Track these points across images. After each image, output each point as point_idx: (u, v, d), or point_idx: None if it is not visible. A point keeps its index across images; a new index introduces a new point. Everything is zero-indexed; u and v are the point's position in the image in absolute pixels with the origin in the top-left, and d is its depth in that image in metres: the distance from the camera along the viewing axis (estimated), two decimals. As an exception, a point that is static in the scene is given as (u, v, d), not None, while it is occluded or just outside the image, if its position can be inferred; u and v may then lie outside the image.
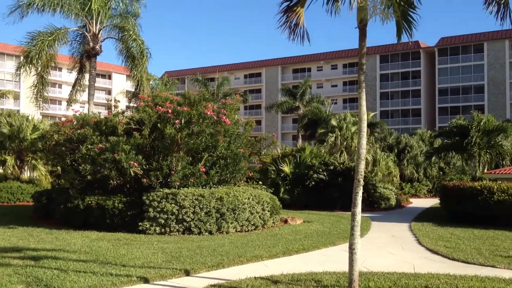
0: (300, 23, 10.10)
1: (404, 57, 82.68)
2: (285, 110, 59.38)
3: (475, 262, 13.23)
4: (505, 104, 73.82)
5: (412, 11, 9.77)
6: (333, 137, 34.64)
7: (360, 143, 9.90)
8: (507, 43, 74.14)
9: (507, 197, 21.13)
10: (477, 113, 31.44)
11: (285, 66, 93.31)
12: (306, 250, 14.88)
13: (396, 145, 43.63)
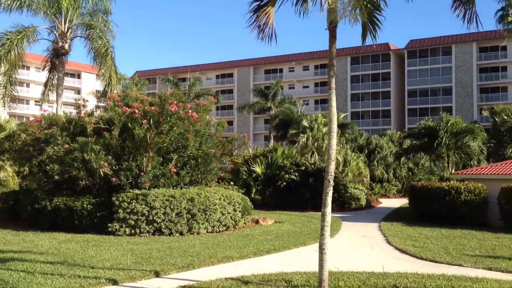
0: (269, 23, 10.11)
1: (374, 59, 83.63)
2: (257, 110, 59.40)
3: (443, 261, 13.46)
4: (473, 105, 75.34)
5: (378, 13, 9.89)
6: (305, 137, 34.81)
7: (330, 144, 9.96)
8: (475, 46, 75.70)
9: (474, 197, 21.59)
10: (446, 115, 32.01)
11: (257, 66, 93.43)
12: (277, 250, 14.91)
13: (366, 146, 44.14)
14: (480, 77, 75.87)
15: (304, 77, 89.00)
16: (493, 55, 74.90)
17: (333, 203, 29.29)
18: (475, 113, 73.66)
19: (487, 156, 35.12)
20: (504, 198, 20.42)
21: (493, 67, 75.24)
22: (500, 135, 36.59)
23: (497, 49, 73.82)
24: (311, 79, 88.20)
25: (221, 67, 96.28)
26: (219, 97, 53.41)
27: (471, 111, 74.72)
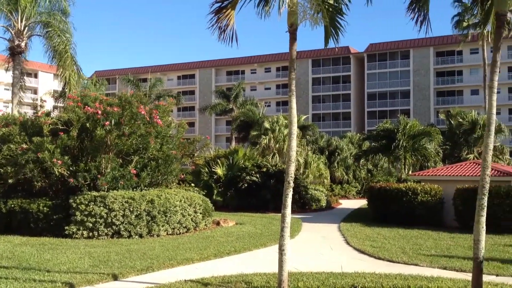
0: (230, 24, 10.13)
1: (335, 62, 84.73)
2: (218, 112, 59.29)
3: (400, 261, 13.74)
4: (429, 109, 77.20)
5: (340, 18, 10.02)
6: (266, 139, 34.96)
7: (290, 146, 10.03)
8: (432, 51, 77.62)
9: (430, 198, 22.12)
10: (403, 117, 32.70)
11: (219, 68, 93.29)
12: (237, 252, 14.91)
13: (327, 148, 44.66)
14: (436, 80, 77.85)
15: (266, 79, 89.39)
16: (449, 60, 76.98)
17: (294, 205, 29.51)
18: (432, 116, 75.48)
19: (443, 158, 36.06)
20: (459, 199, 20.98)
21: (449, 71, 77.34)
22: (455, 137, 37.62)
23: (453, 53, 75.90)
24: (273, 81, 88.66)
25: (182, 68, 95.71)
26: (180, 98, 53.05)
27: (428, 114, 76.54)
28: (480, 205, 9.32)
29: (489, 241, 17.04)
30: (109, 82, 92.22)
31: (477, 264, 9.14)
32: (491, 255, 14.39)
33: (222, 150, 34.26)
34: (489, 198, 19.39)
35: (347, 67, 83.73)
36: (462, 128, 36.65)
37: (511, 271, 12.37)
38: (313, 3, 9.96)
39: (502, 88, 72.31)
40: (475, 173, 22.30)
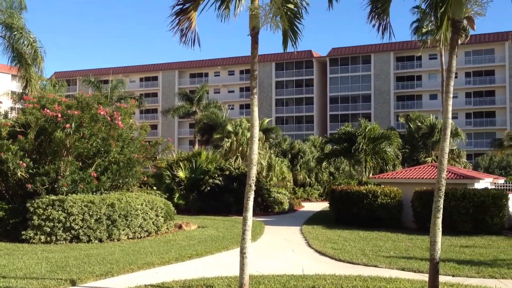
0: (192, 27, 10.11)
1: (298, 66, 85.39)
2: (181, 114, 58.89)
3: (359, 262, 13.94)
4: (390, 112, 78.65)
5: (299, 22, 10.14)
6: (229, 142, 34.91)
7: (251, 149, 10.06)
8: (392, 56, 79.14)
9: (390, 200, 22.53)
10: (364, 121, 33.20)
11: (182, 70, 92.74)
12: (199, 255, 14.84)
13: (290, 151, 44.89)
14: (397, 85, 79.41)
15: (229, 81, 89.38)
16: (409, 65, 78.66)
17: (256, 208, 29.62)
18: (392, 119, 76.92)
19: (402, 161, 36.78)
20: (417, 201, 21.43)
21: (409, 76, 79.00)
22: (414, 141, 38.45)
23: (413, 59, 77.58)
24: (236, 84, 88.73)
25: (145, 70, 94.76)
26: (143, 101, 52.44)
27: (389, 117, 77.97)
28: (437, 207, 9.54)
29: (446, 243, 17.49)
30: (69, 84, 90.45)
31: (434, 265, 9.36)
32: (448, 256, 14.76)
33: (185, 153, 34.01)
34: (446, 200, 20.04)
35: (310, 71, 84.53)
36: (421, 131, 37.49)
37: (466, 271, 12.70)
38: (273, 6, 10.03)
39: (459, 93, 74.35)
40: (432, 175, 22.82)
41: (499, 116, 72.90)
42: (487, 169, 52.10)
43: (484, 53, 74.37)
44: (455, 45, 9.79)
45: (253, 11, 9.74)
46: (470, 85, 74.46)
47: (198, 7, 10.15)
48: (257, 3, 9.82)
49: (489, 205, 20.11)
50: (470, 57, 74.70)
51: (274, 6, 10.02)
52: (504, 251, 15.91)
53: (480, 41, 73.32)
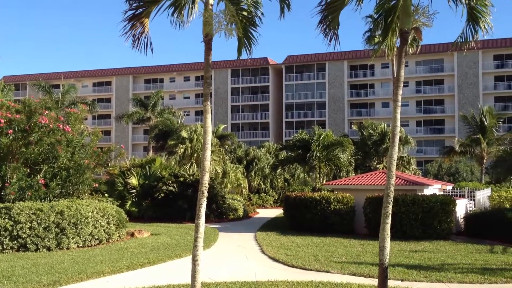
0: (144, 32, 10.01)
1: (254, 73, 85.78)
2: (136, 120, 58.05)
3: (312, 268, 14.07)
4: (344, 120, 79.98)
5: (253, 29, 10.18)
6: (183, 148, 34.66)
7: (204, 155, 10.01)
8: (346, 64, 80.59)
9: (343, 206, 22.85)
10: (317, 128, 33.62)
11: (136, 75, 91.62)
12: (151, 263, 14.64)
13: (245, 157, 44.95)
14: (350, 93, 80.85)
15: (185, 87, 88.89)
16: (362, 73, 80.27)
17: (211, 214, 29.48)
18: (346, 127, 78.23)
19: (355, 168, 37.38)
20: (369, 207, 21.83)
21: (362, 84, 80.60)
22: (367, 148, 39.14)
23: (366, 67, 79.23)
24: (192, 90, 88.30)
25: (98, 74, 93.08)
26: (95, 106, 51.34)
27: (343, 125, 79.26)
28: (385, 213, 9.74)
29: (396, 247, 17.89)
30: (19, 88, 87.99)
31: (383, 269, 9.54)
32: (398, 261, 15.08)
33: (139, 159, 33.53)
34: (396, 206, 20.49)
35: (265, 78, 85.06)
36: (373, 139, 38.23)
37: (415, 276, 13.01)
38: (227, 14, 10.05)
39: (410, 101, 76.36)
40: (383, 182, 23.27)
41: (448, 124, 75.24)
42: (436, 176, 53.61)
43: (433, 63, 76.74)
44: (403, 54, 10.05)
45: (207, 18, 9.72)
46: (420, 93, 76.58)
47: (151, 13, 10.06)
48: (211, 10, 9.81)
49: (437, 210, 20.67)
50: (420, 67, 76.88)
51: (228, 13, 10.05)
52: (452, 256, 16.38)
53: (430, 51, 75.61)
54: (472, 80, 74.03)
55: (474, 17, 10.24)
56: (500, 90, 73.08)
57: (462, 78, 74.57)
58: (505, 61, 73.10)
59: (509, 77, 73.01)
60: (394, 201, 20.42)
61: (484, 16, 10.19)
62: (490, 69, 73.59)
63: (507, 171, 22.90)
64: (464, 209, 24.79)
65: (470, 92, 73.95)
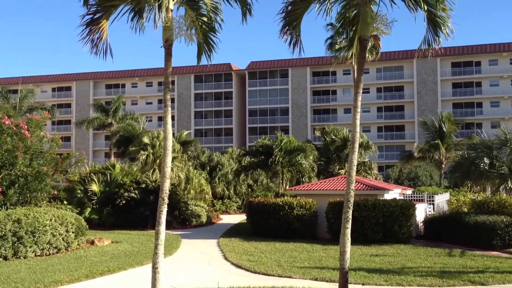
0: (103, 37, 9.87)
1: (217, 78, 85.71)
2: (96, 126, 57.13)
3: (274, 274, 14.09)
4: (307, 126, 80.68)
5: (213, 35, 10.18)
6: (145, 155, 34.25)
7: (165, 161, 9.92)
8: (308, 70, 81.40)
9: (305, 211, 22.96)
10: (280, 134, 33.80)
11: (97, 81, 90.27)
12: (111, 272, 14.39)
13: (208, 163, 44.73)
14: (313, 99, 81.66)
15: (147, 93, 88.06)
16: (324, 79, 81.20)
17: (174, 221, 29.21)
18: (309, 132, 78.89)
19: (318, 173, 37.70)
20: (331, 212, 22.00)
21: (324, 90, 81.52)
22: (329, 153, 39.55)
23: (328, 74, 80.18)
24: (154, 96, 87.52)
25: (58, 79, 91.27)
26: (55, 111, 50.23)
27: (306, 130, 79.91)
28: (346, 218, 9.85)
29: (358, 252, 18.09)
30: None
31: (343, 274, 9.63)
32: (359, 265, 15.25)
33: (99, 166, 32.94)
34: (358, 211, 20.74)
35: (229, 84, 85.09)
36: (335, 144, 38.65)
37: (376, 280, 13.18)
38: (187, 19, 10.02)
39: (371, 107, 77.68)
40: (345, 187, 23.46)
41: (408, 130, 76.81)
42: (397, 181, 54.59)
43: (394, 69, 78.30)
44: (363, 61, 10.21)
45: (167, 23, 9.66)
46: (381, 100, 77.97)
47: (110, 18, 9.93)
48: (171, 15, 9.76)
49: (397, 215, 21.01)
50: (381, 74, 78.32)
51: (188, 18, 10.01)
52: (411, 259, 16.66)
53: (390, 58, 77.15)
54: (431, 86, 75.86)
55: (435, 23, 10.49)
56: (458, 97, 75.12)
57: (421, 84, 76.31)
58: (462, 68, 75.21)
59: (466, 84, 75.14)
60: (356, 206, 20.68)
61: (444, 21, 10.44)
62: (448, 76, 75.60)
63: (465, 175, 23.44)
64: (424, 213, 25.28)
65: (429, 98, 75.74)
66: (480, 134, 25.84)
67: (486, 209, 21.49)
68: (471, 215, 20.55)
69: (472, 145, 24.53)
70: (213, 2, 10.45)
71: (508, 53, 72.97)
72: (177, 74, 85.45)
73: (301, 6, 10.64)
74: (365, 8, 10.22)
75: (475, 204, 22.81)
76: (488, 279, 13.26)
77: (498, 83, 73.97)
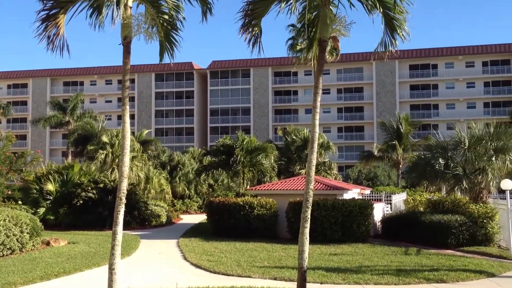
0: (60, 33, 9.65)
1: (178, 77, 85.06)
2: (54, 124, 55.73)
3: (234, 274, 14.08)
4: (268, 125, 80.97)
5: (175, 33, 10.08)
6: (104, 154, 33.67)
7: (123, 161, 9.79)
8: (270, 70, 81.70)
9: (266, 211, 23.03)
10: (241, 133, 33.81)
11: (55, 78, 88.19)
12: (67, 273, 14.08)
13: (169, 163, 44.36)
14: (275, 99, 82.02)
15: (107, 91, 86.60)
16: (286, 80, 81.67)
17: (133, 221, 28.86)
18: (271, 132, 79.20)
19: (279, 173, 37.90)
20: (291, 211, 22.12)
21: (286, 91, 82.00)
22: (290, 153, 39.83)
23: (290, 74, 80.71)
24: (114, 94, 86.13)
25: (13, 76, 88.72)
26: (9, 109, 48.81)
27: (267, 130, 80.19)
28: (305, 217, 9.92)
29: (317, 251, 18.26)
30: None
31: (302, 273, 9.69)
32: (318, 264, 15.40)
33: (56, 165, 32.17)
34: (317, 210, 20.94)
35: (190, 83, 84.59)
36: (296, 144, 38.94)
37: (334, 278, 13.33)
38: (147, 17, 9.89)
39: (332, 108, 78.63)
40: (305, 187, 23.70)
41: (368, 130, 78.08)
42: (356, 180, 55.42)
43: (354, 71, 79.44)
44: (322, 63, 10.30)
45: (125, 20, 9.52)
46: (341, 101, 78.98)
47: (67, 13, 9.71)
48: (129, 12, 9.62)
49: (356, 214, 21.31)
50: (341, 75, 79.32)
51: (148, 16, 9.89)
52: (369, 258, 16.93)
53: (351, 60, 78.26)
54: (389, 88, 77.30)
55: (392, 25, 10.67)
56: (415, 99, 76.81)
57: (380, 86, 77.67)
58: (419, 70, 76.97)
59: (423, 86, 76.94)
60: (315, 205, 20.90)
61: (401, 23, 10.64)
62: (406, 78, 77.22)
63: (421, 176, 23.97)
64: (381, 212, 25.74)
65: (388, 100, 77.18)
66: (436, 135, 26.44)
67: (441, 208, 22.02)
68: (426, 215, 21.03)
69: (428, 146, 25.09)
70: (175, 0, 10.35)
71: (463, 56, 75.10)
72: (137, 73, 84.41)
73: (261, 5, 10.66)
74: (324, 9, 10.31)
75: (431, 203, 23.34)
76: (442, 277, 13.60)
77: (454, 86, 76.04)
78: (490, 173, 21.01)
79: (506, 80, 74.61)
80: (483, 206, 20.80)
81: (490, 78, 74.86)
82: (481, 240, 19.86)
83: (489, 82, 75.13)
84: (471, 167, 21.72)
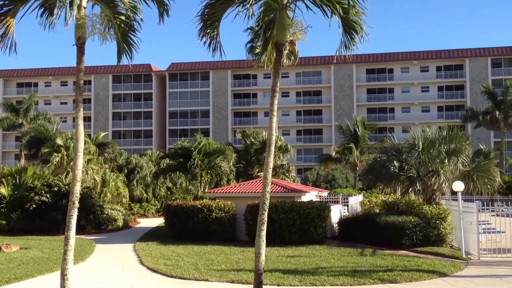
0: (9, 33, 9.39)
1: (136, 79, 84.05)
2: (6, 127, 54.20)
3: (191, 277, 13.98)
4: (228, 128, 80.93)
5: (133, 34, 9.96)
6: (58, 157, 32.88)
7: (76, 164, 9.60)
8: (229, 73, 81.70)
9: (224, 214, 22.96)
10: (199, 136, 33.68)
11: (8, 79, 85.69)
12: (18, 279, 13.68)
13: (126, 166, 43.68)
14: (234, 102, 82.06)
15: (62, 92, 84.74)
16: (245, 83, 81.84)
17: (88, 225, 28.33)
18: (230, 135, 79.16)
19: (238, 176, 37.89)
20: (249, 214, 22.11)
21: (245, 94, 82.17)
22: (249, 156, 39.92)
23: (249, 77, 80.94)
24: (69, 95, 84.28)
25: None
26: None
27: (227, 133, 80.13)
28: (261, 220, 9.95)
29: (275, 253, 18.33)
30: None
31: (258, 276, 9.71)
32: (275, 267, 15.45)
33: (8, 168, 31.26)
34: (275, 213, 21.03)
35: (149, 85, 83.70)
36: (254, 147, 39.05)
37: (290, 280, 13.40)
38: (103, 17, 9.74)
39: (291, 111, 79.28)
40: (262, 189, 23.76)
41: (326, 133, 79.03)
42: (315, 183, 56.01)
43: (312, 74, 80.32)
44: (279, 66, 10.36)
45: (79, 21, 9.34)
46: (300, 104, 79.72)
47: (17, 13, 9.44)
48: (84, 13, 9.43)
49: (313, 216, 21.48)
50: (300, 78, 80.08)
51: (104, 17, 9.73)
52: (325, 260, 17.11)
53: (310, 64, 79.11)
54: (347, 92, 78.51)
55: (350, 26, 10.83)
56: (372, 102, 78.27)
57: (338, 90, 78.78)
58: (376, 75, 78.50)
59: (380, 90, 78.49)
60: (273, 208, 20.96)
61: (358, 24, 10.81)
62: (363, 82, 78.62)
63: (377, 178, 24.38)
64: (338, 214, 26.07)
65: (346, 103, 78.36)
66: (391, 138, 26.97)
67: (396, 210, 22.45)
68: (382, 216, 21.40)
69: (384, 149, 25.55)
70: (131, 1, 10.22)
71: (418, 61, 77.03)
72: (94, 74, 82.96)
73: (219, 9, 10.65)
74: (281, 13, 10.39)
75: (386, 205, 23.78)
76: (396, 277, 13.87)
77: (409, 90, 77.87)
78: (442, 175, 21.54)
79: (459, 84, 76.94)
80: (436, 207, 21.32)
81: (443, 82, 77.06)
82: (434, 241, 20.36)
83: (443, 87, 77.31)
84: (425, 169, 22.23)
